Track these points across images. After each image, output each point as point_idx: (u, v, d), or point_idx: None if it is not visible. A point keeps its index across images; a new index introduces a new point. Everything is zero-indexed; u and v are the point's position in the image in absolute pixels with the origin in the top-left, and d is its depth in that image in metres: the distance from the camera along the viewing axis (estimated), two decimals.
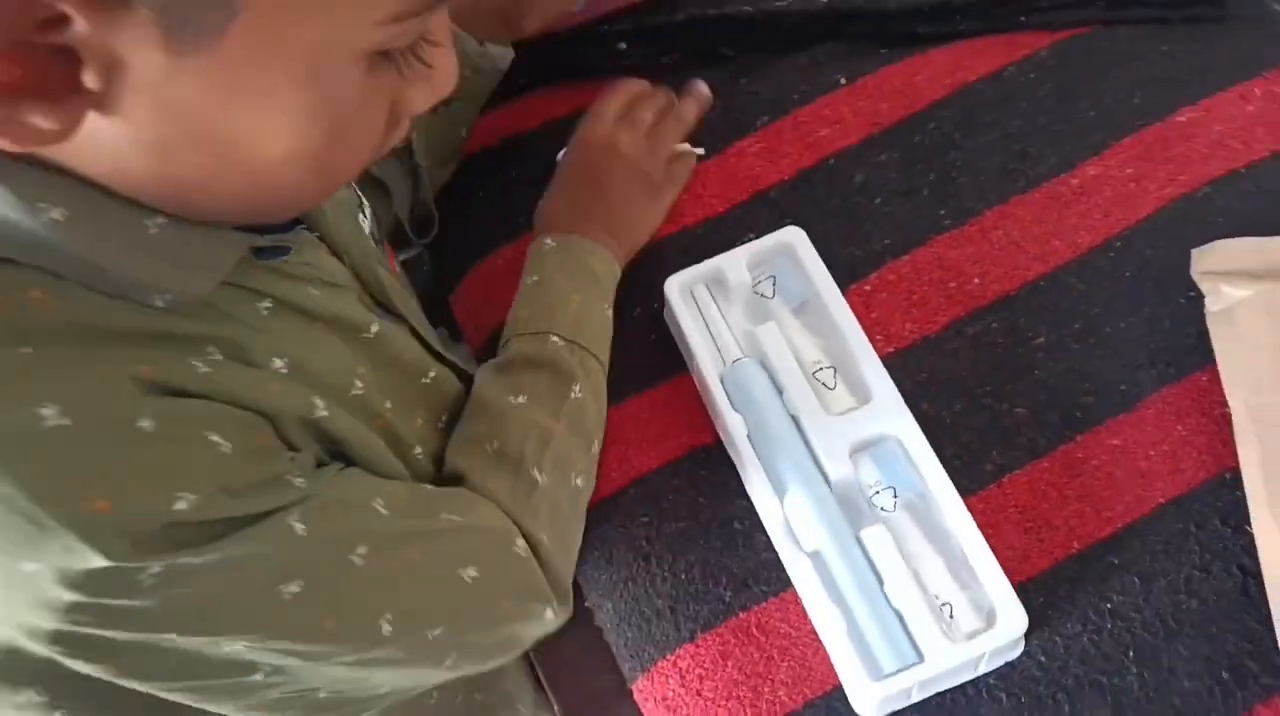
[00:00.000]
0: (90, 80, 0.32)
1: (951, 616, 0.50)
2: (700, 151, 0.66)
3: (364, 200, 0.55)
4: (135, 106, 0.34)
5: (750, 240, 0.60)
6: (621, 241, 0.61)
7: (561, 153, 0.65)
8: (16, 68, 0.31)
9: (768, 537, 0.54)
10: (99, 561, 0.34)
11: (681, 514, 0.56)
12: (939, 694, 0.51)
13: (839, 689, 0.51)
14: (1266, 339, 0.55)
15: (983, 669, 0.50)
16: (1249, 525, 0.51)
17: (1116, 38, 0.68)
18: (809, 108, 0.67)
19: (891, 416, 0.53)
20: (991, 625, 0.49)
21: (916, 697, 0.50)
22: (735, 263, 0.59)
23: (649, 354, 0.61)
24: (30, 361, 0.35)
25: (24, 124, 0.32)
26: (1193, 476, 0.54)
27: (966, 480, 0.54)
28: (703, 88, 0.67)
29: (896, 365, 0.57)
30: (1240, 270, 0.57)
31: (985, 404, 0.57)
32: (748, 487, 0.56)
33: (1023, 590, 0.50)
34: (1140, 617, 0.51)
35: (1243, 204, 0.61)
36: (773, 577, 0.54)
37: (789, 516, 0.52)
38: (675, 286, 0.58)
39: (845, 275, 0.60)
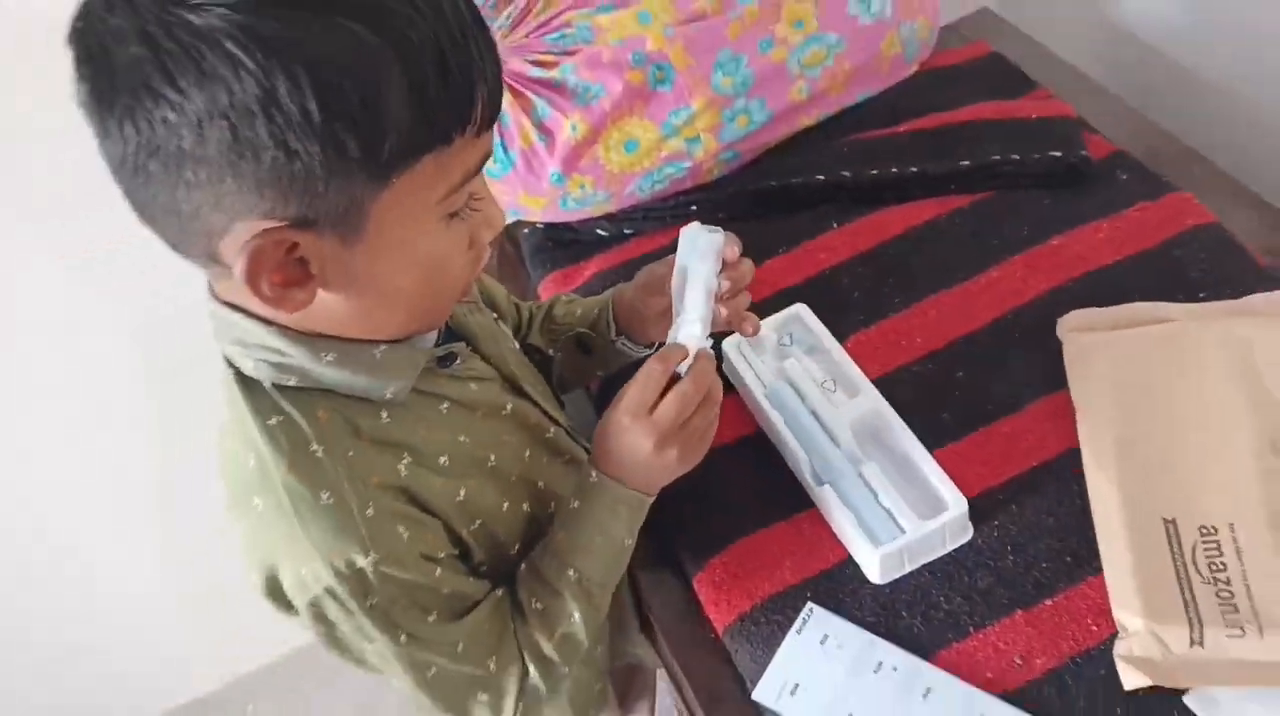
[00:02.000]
0: (315, 269, 0.59)
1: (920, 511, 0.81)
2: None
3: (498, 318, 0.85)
4: (338, 279, 0.61)
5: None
6: (641, 486, 0.76)
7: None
8: (282, 275, 0.59)
9: (795, 480, 0.87)
10: (328, 579, 0.64)
11: (738, 472, 0.89)
12: (918, 574, 0.81)
13: (843, 563, 0.83)
14: (1103, 367, 0.88)
15: (948, 544, 0.82)
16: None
17: (1016, 196, 1.05)
18: (813, 241, 1.04)
19: (873, 400, 0.87)
20: (943, 512, 0.80)
21: (908, 567, 0.81)
22: (768, 327, 0.94)
23: None
24: (318, 460, 0.64)
25: (293, 300, 0.60)
26: (1053, 449, 0.86)
27: None
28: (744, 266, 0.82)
29: None
30: (1088, 327, 0.91)
31: (923, 413, 0.89)
32: (783, 452, 0.88)
33: None
34: (1017, 528, 0.82)
35: (1093, 292, 0.95)
36: (794, 501, 0.87)
37: (814, 464, 0.85)
38: (729, 345, 0.94)
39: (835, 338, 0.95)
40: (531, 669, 0.76)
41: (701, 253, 0.77)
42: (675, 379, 0.74)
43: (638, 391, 0.74)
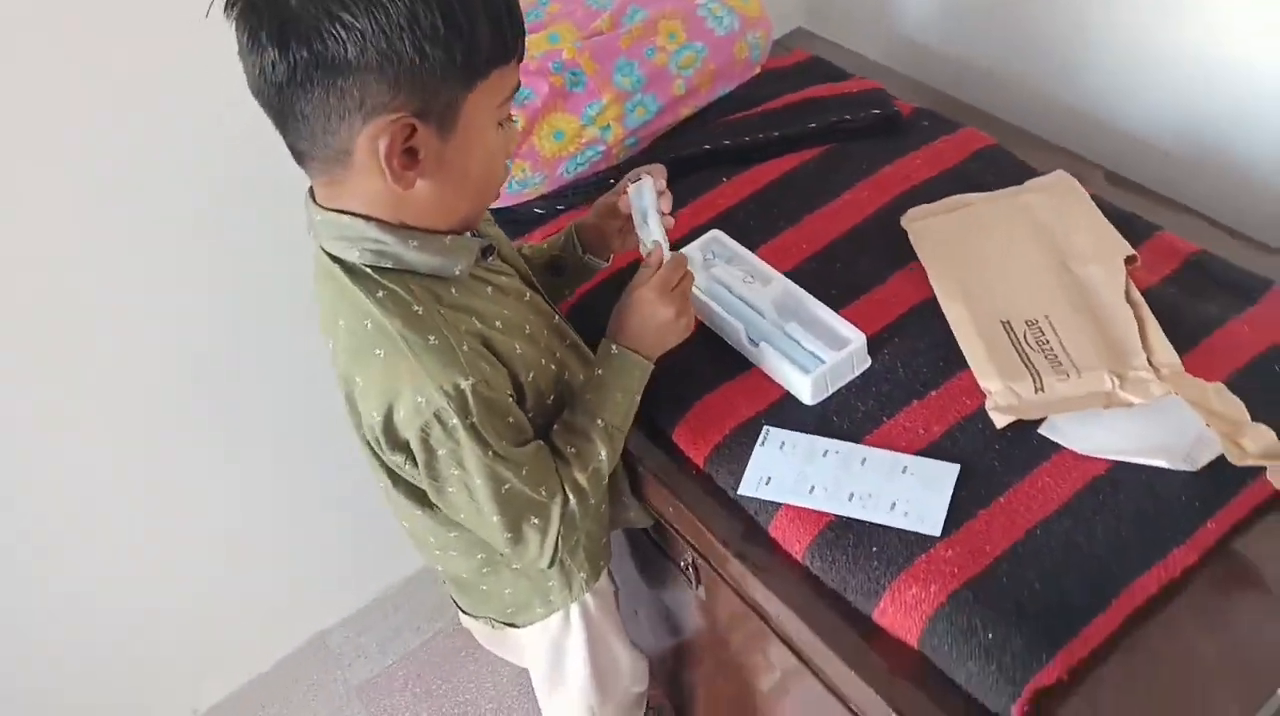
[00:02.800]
0: (421, 156, 0.84)
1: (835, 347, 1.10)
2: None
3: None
4: (431, 167, 0.85)
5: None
6: (651, 351, 1.05)
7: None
8: (403, 158, 0.83)
9: (735, 351, 1.15)
10: (439, 402, 0.88)
11: (693, 352, 1.15)
12: (838, 394, 1.10)
13: (783, 398, 1.10)
14: (938, 238, 1.21)
15: (856, 369, 1.11)
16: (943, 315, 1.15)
17: (851, 146, 1.38)
18: (711, 192, 1.34)
19: (783, 283, 1.16)
20: (848, 344, 1.09)
21: (830, 388, 1.09)
22: (693, 249, 1.22)
23: None
24: (421, 316, 0.88)
25: (406, 178, 0.85)
26: (915, 299, 1.17)
27: None
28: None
29: None
30: (927, 214, 1.24)
31: (817, 293, 1.18)
32: (722, 331, 1.16)
33: None
34: (902, 351, 1.12)
35: (917, 199, 1.28)
36: (737, 365, 1.14)
37: (747, 330, 1.13)
38: None
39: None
40: (571, 497, 1.00)
41: (646, 195, 1.09)
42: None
43: (664, 276, 1.03)
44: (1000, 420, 1.02)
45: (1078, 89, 1.48)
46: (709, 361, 1.16)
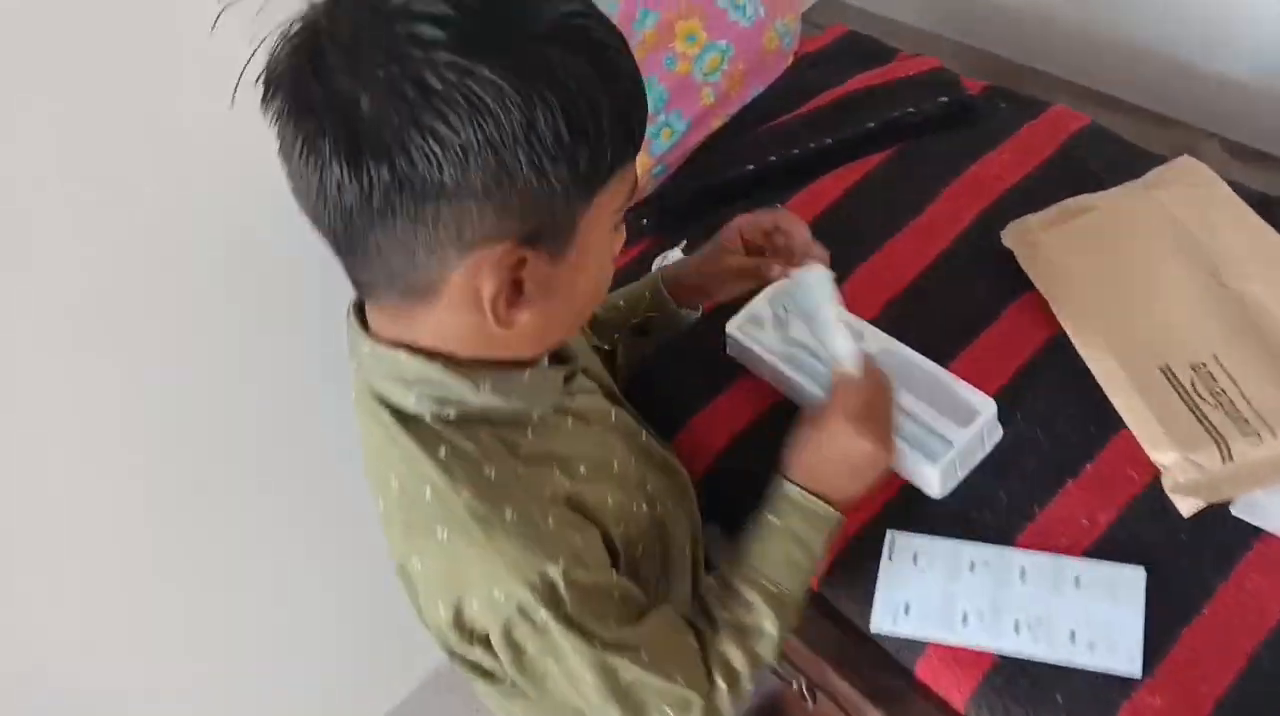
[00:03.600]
0: (528, 289, 0.65)
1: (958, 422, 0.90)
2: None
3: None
4: (538, 295, 0.66)
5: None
6: (843, 494, 0.81)
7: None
8: (507, 292, 0.64)
9: None
10: (521, 595, 0.67)
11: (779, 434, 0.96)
12: (970, 478, 0.90)
13: (902, 489, 0.90)
14: (1059, 260, 0.99)
15: (987, 445, 0.91)
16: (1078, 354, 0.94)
17: (920, 145, 1.17)
18: None
19: (879, 338, 0.95)
20: (977, 417, 0.89)
21: (961, 474, 0.89)
22: (760, 302, 1.00)
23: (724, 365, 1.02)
24: (494, 482, 0.68)
25: (511, 318, 0.65)
26: (1040, 339, 0.97)
27: None
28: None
29: None
30: (1028, 232, 1.03)
31: (917, 341, 0.98)
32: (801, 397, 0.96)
33: None
34: (1038, 412, 0.92)
35: (1017, 205, 1.07)
36: None
37: None
38: (732, 327, 1.00)
39: None
40: (719, 681, 0.77)
41: (818, 295, 0.87)
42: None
43: (857, 399, 0.81)
44: (1186, 507, 0.82)
45: (1168, 34, 1.25)
46: None
